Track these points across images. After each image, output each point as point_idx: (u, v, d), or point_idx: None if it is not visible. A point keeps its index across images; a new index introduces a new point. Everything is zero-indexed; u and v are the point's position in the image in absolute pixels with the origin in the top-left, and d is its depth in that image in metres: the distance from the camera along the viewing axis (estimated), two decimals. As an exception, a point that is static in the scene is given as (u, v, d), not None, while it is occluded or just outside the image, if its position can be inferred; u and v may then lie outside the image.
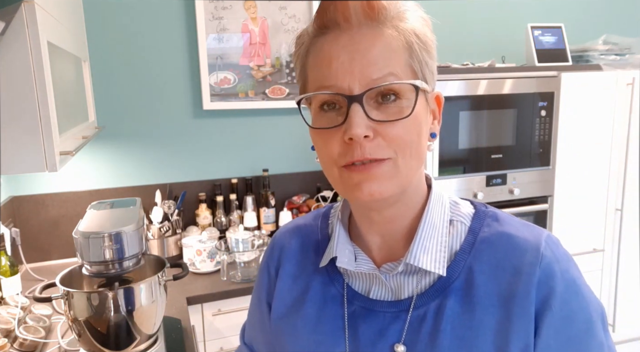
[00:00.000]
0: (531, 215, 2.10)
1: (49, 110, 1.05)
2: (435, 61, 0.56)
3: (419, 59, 0.53)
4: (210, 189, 2.17)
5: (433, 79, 0.55)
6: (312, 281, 0.65)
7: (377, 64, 0.50)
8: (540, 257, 0.54)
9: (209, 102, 2.12)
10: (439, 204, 0.60)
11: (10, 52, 1.01)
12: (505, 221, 0.58)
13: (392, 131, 0.51)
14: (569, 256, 0.56)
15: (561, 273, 0.53)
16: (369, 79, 0.50)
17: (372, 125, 0.51)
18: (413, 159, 0.53)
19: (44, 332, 1.34)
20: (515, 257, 0.55)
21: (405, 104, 0.52)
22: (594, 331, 0.54)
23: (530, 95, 2.00)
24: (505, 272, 0.54)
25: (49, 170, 1.08)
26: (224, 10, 2.09)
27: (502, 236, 0.57)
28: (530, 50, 2.12)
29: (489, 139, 1.98)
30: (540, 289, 0.53)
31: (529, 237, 0.55)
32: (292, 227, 0.73)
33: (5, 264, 1.52)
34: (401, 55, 0.52)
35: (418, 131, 0.53)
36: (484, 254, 0.56)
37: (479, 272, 0.55)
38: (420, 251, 0.56)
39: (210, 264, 1.87)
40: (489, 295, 0.54)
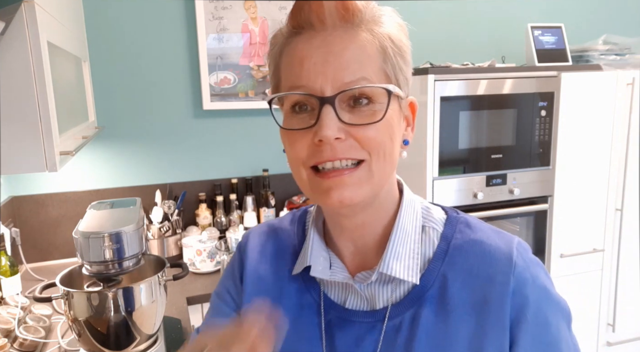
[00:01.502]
0: (531, 215, 2.10)
1: (49, 110, 1.05)
2: (410, 67, 0.56)
3: (393, 64, 0.53)
4: (210, 189, 2.17)
5: (407, 85, 0.55)
6: (286, 287, 0.63)
7: (349, 68, 0.50)
8: (513, 266, 0.54)
9: (209, 102, 2.12)
10: (410, 210, 0.59)
11: (10, 52, 1.01)
12: (477, 227, 0.59)
13: (365, 133, 0.51)
14: (538, 261, 0.57)
15: (533, 280, 0.54)
16: (341, 82, 0.50)
17: (343, 127, 0.50)
18: (387, 163, 0.53)
19: (44, 332, 1.34)
20: (488, 264, 0.55)
21: (377, 108, 0.51)
22: (564, 333, 0.55)
23: (530, 95, 2.00)
24: (479, 280, 0.55)
25: (49, 170, 1.08)
26: (224, 10, 2.09)
27: (474, 243, 0.57)
28: (530, 50, 2.12)
29: (489, 139, 1.98)
30: (514, 299, 0.53)
31: (501, 245, 0.56)
32: (267, 230, 0.69)
33: (5, 264, 1.52)
34: (375, 60, 0.51)
35: (391, 135, 0.53)
36: (457, 262, 0.56)
37: (452, 280, 0.55)
38: (393, 259, 0.56)
39: (210, 264, 1.87)
40: (463, 304, 0.54)
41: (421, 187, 1.94)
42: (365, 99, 0.51)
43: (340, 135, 0.50)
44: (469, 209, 1.98)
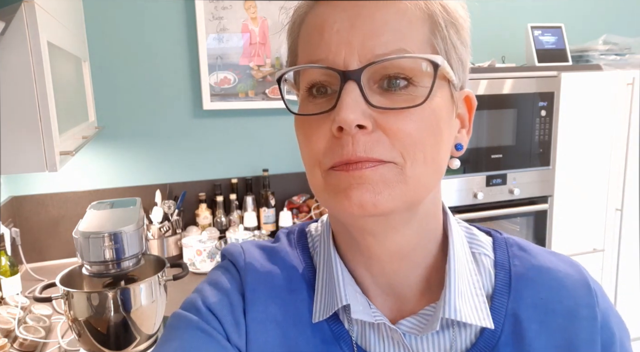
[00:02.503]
0: (531, 215, 2.10)
1: (49, 110, 1.05)
2: (468, 49, 0.43)
3: (444, 37, 0.40)
4: (210, 189, 2.17)
5: (464, 71, 0.43)
6: (303, 336, 0.45)
7: (383, 35, 0.37)
8: (594, 296, 0.45)
9: (209, 102, 2.12)
10: (457, 233, 0.47)
11: (10, 52, 1.01)
12: (533, 251, 0.48)
13: (398, 125, 0.38)
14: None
15: (612, 309, 0.46)
16: (372, 54, 0.37)
17: (372, 113, 0.38)
18: (428, 168, 0.39)
19: (44, 332, 1.34)
20: (565, 297, 0.45)
21: (419, 93, 0.38)
22: None
23: (530, 95, 2.00)
24: (557, 316, 0.44)
25: (49, 170, 1.08)
26: (224, 10, 2.09)
27: (540, 270, 0.46)
28: (530, 50, 2.12)
29: (489, 139, 1.98)
30: (603, 334, 0.44)
31: (570, 271, 0.46)
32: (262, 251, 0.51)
33: (5, 264, 1.52)
34: (419, 29, 0.39)
35: (435, 130, 0.39)
36: (525, 296, 0.45)
37: (526, 319, 0.44)
38: (457, 298, 0.42)
39: (210, 264, 1.87)
40: (544, 347, 0.43)
41: (421, 187, 1.94)
42: (403, 80, 0.38)
43: (366, 123, 0.37)
44: (469, 209, 1.98)
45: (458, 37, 0.42)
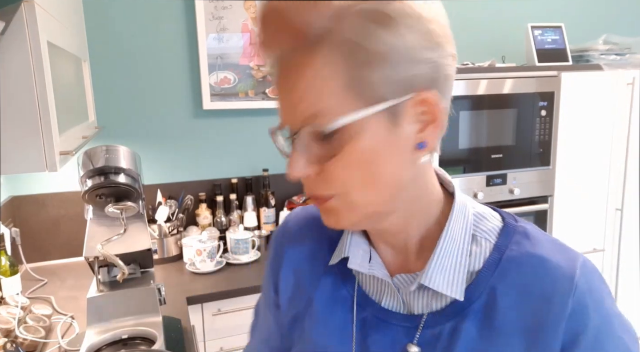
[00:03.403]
0: (531, 215, 2.10)
1: (49, 110, 1.05)
2: (402, 65, 0.43)
3: (362, 79, 0.43)
4: (210, 189, 2.17)
5: (402, 87, 0.44)
6: (322, 279, 0.59)
7: (301, 104, 0.44)
8: (574, 288, 0.47)
9: (209, 102, 2.12)
10: (461, 217, 0.52)
11: (10, 52, 1.01)
12: (538, 239, 0.51)
13: (331, 168, 0.46)
14: (605, 286, 0.50)
15: (595, 307, 0.47)
16: (297, 121, 0.45)
17: (314, 161, 0.46)
18: (370, 191, 0.46)
19: (44, 332, 1.34)
20: (546, 283, 0.48)
21: (344, 140, 0.44)
22: None
23: (530, 95, 2.00)
24: (533, 299, 0.48)
25: (49, 170, 1.08)
26: (224, 10, 2.09)
27: (532, 257, 0.49)
28: (530, 50, 2.12)
29: (489, 139, 1.98)
30: (570, 323, 0.47)
31: (562, 263, 0.49)
32: (306, 216, 0.65)
33: (5, 264, 1.52)
34: (334, 82, 0.43)
35: (365, 164, 0.45)
36: (510, 275, 0.49)
37: (502, 294, 0.49)
38: (437, 271, 0.50)
39: (211, 264, 1.87)
40: (512, 323, 0.48)
41: (421, 187, 1.94)
42: (325, 134, 0.44)
43: (309, 172, 0.46)
44: (469, 209, 1.98)
45: (383, 68, 0.43)
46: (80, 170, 1.20)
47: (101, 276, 1.28)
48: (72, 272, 1.90)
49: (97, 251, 1.18)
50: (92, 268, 1.28)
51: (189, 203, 2.07)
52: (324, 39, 0.43)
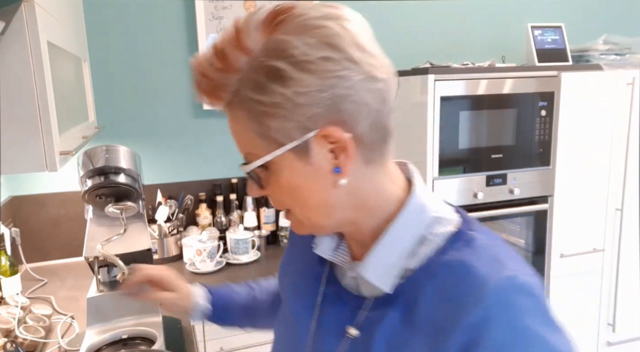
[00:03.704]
0: (531, 215, 2.10)
1: (49, 110, 1.05)
2: (297, 110, 0.49)
3: (266, 128, 0.51)
4: (210, 189, 2.17)
5: (301, 128, 0.50)
6: (309, 256, 0.68)
7: (239, 146, 0.56)
8: (485, 299, 0.47)
9: (209, 102, 2.12)
10: (413, 218, 0.56)
11: (10, 52, 1.01)
12: (477, 249, 0.53)
13: (271, 194, 0.57)
14: (536, 306, 0.48)
15: (504, 322, 0.47)
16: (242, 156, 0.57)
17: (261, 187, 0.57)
18: (308, 212, 0.56)
19: (44, 332, 1.34)
20: (464, 290, 0.49)
21: (270, 173, 0.54)
22: None
23: (530, 95, 2.00)
24: (449, 302, 0.50)
25: (49, 170, 1.08)
26: (224, 10, 2.09)
27: (462, 264, 0.51)
28: (530, 50, 2.12)
29: (489, 139, 1.98)
30: (470, 332, 0.47)
31: (486, 274, 0.49)
32: None
33: (5, 264, 1.52)
34: (248, 132, 0.53)
35: (294, 193, 0.54)
36: (438, 277, 0.52)
37: (427, 293, 0.52)
38: (372, 264, 0.56)
39: (210, 264, 1.87)
40: (426, 320, 0.51)
41: (421, 187, 1.94)
42: (258, 169, 0.54)
43: (262, 193, 0.57)
44: (469, 209, 1.98)
45: (278, 117, 0.50)
46: (80, 170, 1.20)
47: (101, 276, 1.28)
48: (72, 272, 1.90)
49: (97, 251, 1.17)
50: (92, 268, 1.28)
51: (189, 203, 2.07)
52: (234, 99, 0.52)
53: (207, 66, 0.52)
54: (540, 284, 0.51)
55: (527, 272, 0.51)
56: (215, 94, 0.53)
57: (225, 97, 0.53)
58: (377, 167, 0.56)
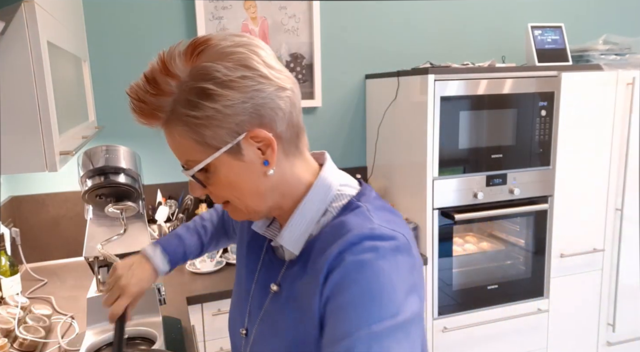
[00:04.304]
0: (531, 215, 2.10)
1: (49, 110, 1.05)
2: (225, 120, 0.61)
3: (202, 136, 0.62)
4: (210, 189, 2.17)
5: (231, 133, 0.62)
6: (247, 238, 0.84)
7: (177, 155, 0.67)
8: (344, 239, 0.62)
9: (209, 102, 2.12)
10: (319, 197, 0.70)
11: (10, 52, 1.01)
12: (358, 213, 0.67)
13: (213, 190, 0.68)
14: (382, 251, 0.61)
15: (353, 256, 0.60)
16: (182, 164, 0.67)
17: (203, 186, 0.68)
18: (245, 200, 0.68)
19: (44, 332, 1.34)
20: (336, 238, 0.64)
21: (210, 173, 0.65)
22: (366, 315, 0.57)
23: (530, 95, 2.00)
24: (325, 248, 0.64)
25: (49, 170, 1.08)
26: (224, 10, 2.09)
27: (341, 222, 0.66)
28: (530, 50, 2.12)
29: (489, 139, 1.98)
30: (331, 262, 0.62)
31: (355, 226, 0.63)
32: None
33: (5, 264, 1.52)
34: (187, 142, 0.63)
35: (232, 186, 0.66)
36: (325, 236, 0.66)
37: (316, 249, 0.66)
38: (287, 235, 0.70)
39: (210, 264, 1.87)
40: (313, 266, 0.65)
41: (421, 187, 1.94)
42: (199, 172, 0.65)
43: (205, 192, 0.69)
44: (469, 208, 1.98)
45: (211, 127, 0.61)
46: (80, 170, 1.20)
47: (101, 276, 1.28)
48: (72, 272, 1.90)
49: (97, 251, 1.18)
50: (92, 268, 1.28)
51: (189, 203, 2.07)
52: (170, 117, 0.63)
53: (142, 93, 0.63)
54: (405, 240, 0.64)
55: (394, 228, 0.64)
56: (153, 114, 0.63)
57: (162, 117, 0.63)
58: (295, 158, 0.69)
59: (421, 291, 0.63)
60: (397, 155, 2.14)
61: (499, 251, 2.16)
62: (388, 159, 2.23)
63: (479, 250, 2.12)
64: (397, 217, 0.70)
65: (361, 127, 2.41)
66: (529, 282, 2.15)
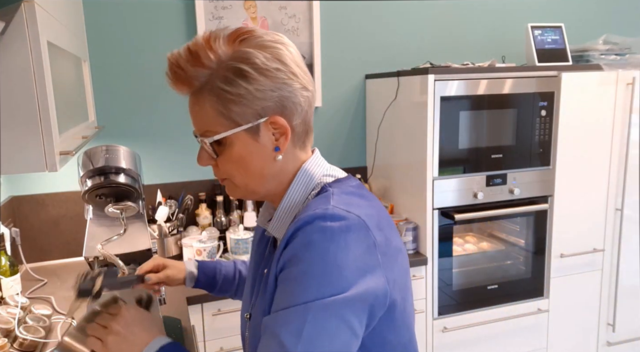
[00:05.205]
0: (531, 215, 2.10)
1: (49, 110, 1.05)
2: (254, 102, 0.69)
3: (229, 110, 0.69)
4: (210, 188, 2.17)
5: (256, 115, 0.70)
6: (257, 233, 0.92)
7: (196, 124, 0.73)
8: (301, 220, 0.67)
9: (209, 102, 2.12)
10: (301, 188, 0.76)
11: (10, 52, 1.01)
12: (324, 197, 0.72)
13: (220, 164, 0.74)
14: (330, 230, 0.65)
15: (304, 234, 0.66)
16: (198, 133, 0.74)
17: (212, 157, 0.74)
18: (247, 179, 0.74)
19: (44, 332, 1.34)
20: (298, 220, 0.69)
21: (224, 146, 0.72)
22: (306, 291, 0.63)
23: (530, 95, 2.00)
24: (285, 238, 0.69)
25: (49, 170, 1.08)
26: (224, 10, 2.09)
27: (308, 206, 0.72)
28: (530, 50, 2.12)
29: (489, 139, 1.98)
30: (287, 240, 0.68)
31: (314, 207, 0.69)
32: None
33: (5, 264, 1.52)
34: (212, 112, 0.70)
35: (241, 163, 0.72)
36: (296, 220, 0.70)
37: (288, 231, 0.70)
38: (275, 224, 0.77)
39: (210, 264, 1.86)
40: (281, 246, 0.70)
41: (421, 187, 1.94)
42: (214, 143, 0.72)
43: (209, 162, 0.75)
44: (469, 208, 1.98)
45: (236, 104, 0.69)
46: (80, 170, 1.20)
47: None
48: (72, 272, 1.90)
49: (97, 251, 1.18)
50: (92, 268, 1.28)
51: (189, 203, 2.07)
52: (203, 87, 0.70)
53: (183, 62, 0.69)
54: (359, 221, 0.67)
55: (348, 210, 0.68)
56: (187, 82, 0.70)
57: (194, 85, 0.70)
58: (300, 152, 0.77)
59: (385, 270, 0.67)
60: (397, 156, 2.14)
61: (499, 251, 2.16)
62: (388, 159, 2.23)
63: (479, 250, 2.12)
64: (363, 201, 0.73)
65: (361, 127, 2.41)
66: (529, 282, 2.15)
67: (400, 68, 2.13)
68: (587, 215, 2.17)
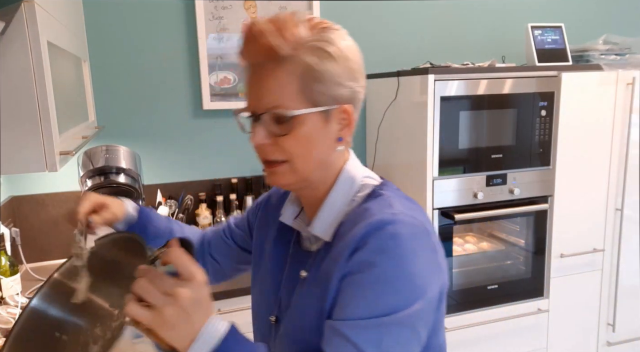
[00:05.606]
0: (531, 215, 2.10)
1: (49, 110, 1.05)
2: (334, 86, 0.69)
3: (311, 89, 0.68)
4: (210, 188, 2.17)
5: (333, 99, 0.69)
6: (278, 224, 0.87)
7: (265, 97, 0.68)
8: (369, 223, 0.67)
9: (209, 102, 2.12)
10: (345, 187, 0.76)
11: (10, 52, 1.01)
12: (380, 200, 0.72)
13: (283, 143, 0.70)
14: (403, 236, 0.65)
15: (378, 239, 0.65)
16: (263, 107, 0.69)
17: (271, 135, 0.70)
18: (310, 162, 0.71)
19: (44, 332, 1.33)
20: (360, 222, 0.68)
21: (294, 125, 0.68)
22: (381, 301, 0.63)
23: (530, 95, 2.00)
24: (348, 237, 0.68)
25: (49, 170, 1.08)
26: (224, 10, 2.09)
27: (365, 209, 0.71)
28: (530, 50, 2.12)
29: (489, 139, 1.98)
30: (357, 242, 0.66)
31: (378, 212, 0.68)
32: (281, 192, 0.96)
33: (5, 264, 1.52)
34: (292, 87, 0.67)
35: (306, 144, 0.70)
36: (350, 222, 0.71)
37: (340, 234, 0.72)
38: (319, 222, 0.76)
39: (210, 264, 1.86)
40: (337, 250, 0.70)
41: (421, 187, 1.94)
42: (281, 118, 0.68)
43: (266, 141, 0.70)
44: (469, 208, 1.98)
45: (323, 85, 0.68)
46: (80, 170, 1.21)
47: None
48: (72, 272, 1.90)
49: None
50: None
51: (189, 203, 2.07)
52: (287, 59, 0.67)
53: (268, 30, 0.66)
54: (423, 227, 0.69)
55: (413, 215, 0.69)
56: (268, 51, 0.67)
57: (274, 56, 0.67)
58: (347, 147, 0.77)
59: (444, 270, 0.70)
60: (397, 156, 2.14)
61: (499, 251, 2.16)
62: (388, 159, 2.23)
63: (479, 250, 2.12)
64: (416, 205, 0.75)
65: (361, 127, 2.41)
66: (529, 282, 2.15)
67: (400, 68, 2.13)
68: (587, 215, 2.17)
